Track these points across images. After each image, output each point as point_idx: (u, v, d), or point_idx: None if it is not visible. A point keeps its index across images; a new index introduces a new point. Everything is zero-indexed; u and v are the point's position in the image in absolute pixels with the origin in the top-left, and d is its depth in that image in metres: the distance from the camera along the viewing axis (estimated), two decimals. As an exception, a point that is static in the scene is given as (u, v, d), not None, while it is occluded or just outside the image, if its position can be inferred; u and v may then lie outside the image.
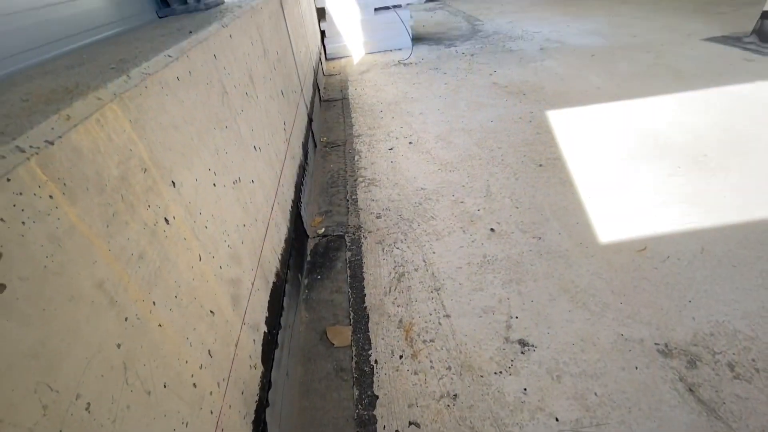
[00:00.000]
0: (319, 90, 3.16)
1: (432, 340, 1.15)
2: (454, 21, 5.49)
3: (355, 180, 2.04)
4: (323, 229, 1.68)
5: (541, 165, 1.93)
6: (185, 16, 1.19)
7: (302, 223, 1.59)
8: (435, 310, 1.25)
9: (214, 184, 0.76)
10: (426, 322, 1.22)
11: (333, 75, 3.88)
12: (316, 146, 2.42)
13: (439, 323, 1.20)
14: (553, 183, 1.78)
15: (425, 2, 7.68)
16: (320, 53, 3.83)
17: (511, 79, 3.08)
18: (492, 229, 1.55)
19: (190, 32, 0.81)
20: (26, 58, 0.69)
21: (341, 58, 4.39)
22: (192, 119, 0.70)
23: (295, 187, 1.58)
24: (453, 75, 3.35)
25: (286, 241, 1.28)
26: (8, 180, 0.32)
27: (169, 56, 0.66)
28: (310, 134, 2.26)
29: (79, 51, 0.77)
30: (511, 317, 1.19)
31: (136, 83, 0.54)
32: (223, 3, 1.41)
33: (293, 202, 1.48)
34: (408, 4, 4.32)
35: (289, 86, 1.81)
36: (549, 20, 4.79)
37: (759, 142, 1.90)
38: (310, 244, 1.60)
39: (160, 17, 1.23)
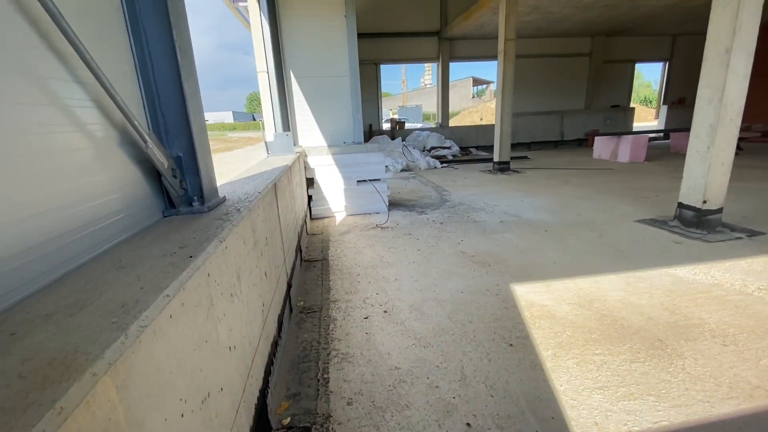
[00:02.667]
0: (301, 251, 3.35)
1: None
2: (425, 190, 6.31)
3: (329, 354, 2.00)
4: (288, 419, 1.56)
5: (511, 345, 1.98)
6: (188, 218, 1.36)
7: (267, 412, 1.48)
8: None
9: (182, 415, 0.75)
10: None
11: (316, 234, 4.17)
12: (291, 311, 2.44)
13: None
14: (525, 367, 1.80)
15: (400, 171, 8.94)
16: (306, 215, 4.20)
17: (477, 249, 3.39)
18: (468, 424, 1.48)
19: (191, 257, 0.93)
20: (33, 278, 0.75)
21: (325, 218, 4.81)
22: (174, 350, 0.74)
23: (265, 370, 1.53)
24: (425, 241, 3.68)
25: (247, 446, 1.17)
26: None
27: (167, 296, 0.74)
28: (288, 302, 2.31)
29: (87, 270, 0.85)
30: None
31: (132, 342, 0.60)
32: (224, 201, 1.62)
33: (260, 391, 1.41)
34: (386, 178, 5.02)
35: (274, 263, 1.94)
36: (505, 195, 5.58)
37: (704, 326, 2.07)
38: (273, 440, 1.46)
39: (165, 216, 1.39)
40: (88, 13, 1.04)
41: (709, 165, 3.47)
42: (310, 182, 4.82)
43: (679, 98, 13.22)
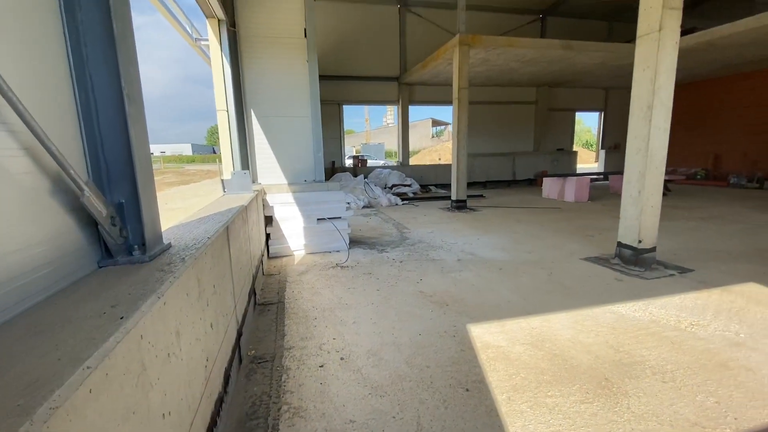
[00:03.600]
0: (255, 294, 3.21)
1: None
2: (386, 227, 6.37)
3: (279, 409, 1.88)
4: (231, 488, 1.42)
5: (467, 390, 1.97)
6: (127, 268, 1.27)
7: (206, 482, 1.35)
8: None
9: (97, 505, 0.66)
10: None
11: (273, 275, 4.04)
12: (241, 362, 2.30)
13: None
14: (481, 413, 1.79)
15: (362, 207, 9.01)
16: (263, 254, 4.07)
17: (435, 289, 3.43)
18: (423, 481, 1.43)
19: (122, 318, 0.86)
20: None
21: (283, 257, 4.68)
22: (92, 431, 0.67)
23: (206, 433, 1.41)
24: (385, 281, 3.66)
25: None
26: None
27: (88, 368, 0.68)
28: (237, 352, 2.18)
29: (5, 332, 0.76)
30: None
31: (38, 429, 0.53)
32: (169, 248, 1.55)
33: (199, 459, 1.29)
34: (347, 216, 5.03)
35: (222, 311, 1.84)
36: (462, 233, 5.76)
37: (645, 363, 2.18)
38: None
39: (100, 267, 1.30)
40: (25, 61, 1.00)
41: (641, 208, 3.82)
42: (269, 220, 4.73)
43: (615, 144, 14.63)
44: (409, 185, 11.45)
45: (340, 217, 4.95)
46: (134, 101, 1.30)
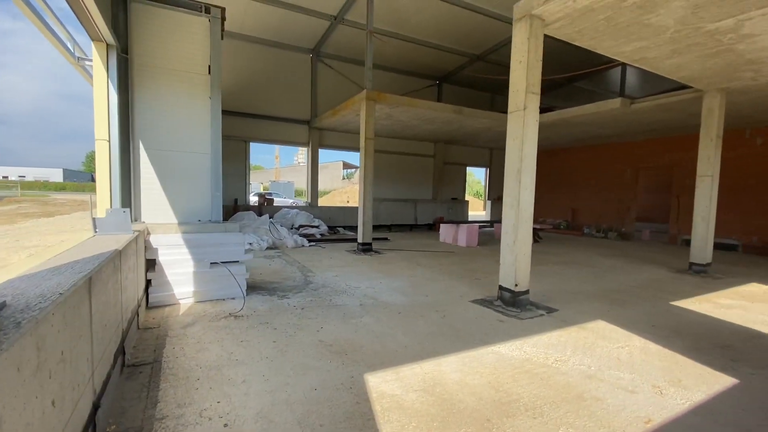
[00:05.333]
0: (124, 353, 2.75)
1: None
2: (289, 271, 6.15)
3: (140, 498, 1.58)
4: None
5: (360, 446, 1.93)
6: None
7: None
8: None
9: None
10: None
11: (151, 328, 3.52)
12: (95, 443, 1.90)
13: None
14: (372, 471, 1.76)
15: (266, 249, 8.59)
16: (139, 305, 3.54)
17: (336, 337, 3.37)
18: None
19: None
20: None
21: (167, 306, 4.14)
22: None
23: None
24: (283, 331, 3.48)
25: None
26: None
27: None
28: (92, 430, 1.80)
29: None
30: None
31: None
32: (2, 309, 1.27)
33: None
34: (246, 260, 4.73)
35: (72, 382, 1.53)
36: (366, 275, 5.86)
37: (520, 401, 2.42)
38: None
39: None
40: None
41: (516, 255, 4.39)
42: (151, 264, 4.19)
43: (498, 196, 16.81)
44: (316, 226, 11.36)
45: (238, 261, 4.64)
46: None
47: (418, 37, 10.92)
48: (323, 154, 12.82)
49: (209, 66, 4.98)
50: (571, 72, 10.36)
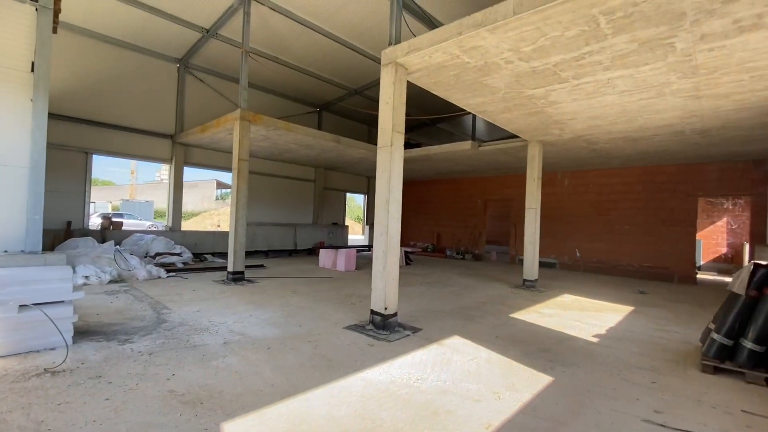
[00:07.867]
0: None
1: None
2: (137, 309, 5.25)
3: None
4: None
5: None
6: None
7: None
8: None
9: None
10: None
11: None
12: None
13: None
14: None
15: (108, 283, 7.18)
16: None
17: (190, 384, 2.99)
18: None
19: None
20: None
21: (-65, 371, 3.05)
22: None
23: None
24: (120, 385, 2.92)
25: None
26: None
27: None
28: None
29: None
30: None
31: None
32: None
33: None
34: (75, 299, 3.87)
35: None
36: (234, 309, 5.41)
37: (384, 426, 2.52)
38: None
39: None
40: None
41: (386, 280, 4.66)
42: None
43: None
44: (178, 254, 10.03)
45: (62, 301, 3.76)
46: None
47: (298, 64, 11.00)
48: (194, 171, 11.60)
49: (32, 63, 4.08)
50: (435, 114, 11.80)
